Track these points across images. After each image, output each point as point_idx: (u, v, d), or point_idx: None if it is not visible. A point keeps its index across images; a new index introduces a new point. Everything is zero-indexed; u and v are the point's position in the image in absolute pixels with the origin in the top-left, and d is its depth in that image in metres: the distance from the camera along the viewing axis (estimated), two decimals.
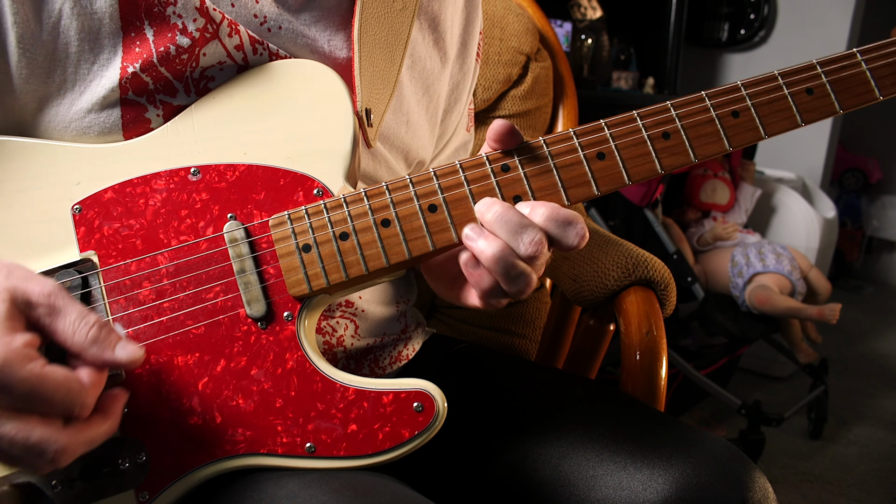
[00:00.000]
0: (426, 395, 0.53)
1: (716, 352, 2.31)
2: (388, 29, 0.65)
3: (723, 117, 0.57)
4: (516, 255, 0.52)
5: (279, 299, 0.55)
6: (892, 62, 0.60)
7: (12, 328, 0.43)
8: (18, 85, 0.55)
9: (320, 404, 0.54)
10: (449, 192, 0.56)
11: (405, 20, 0.66)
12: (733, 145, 0.58)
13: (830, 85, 0.59)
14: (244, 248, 0.55)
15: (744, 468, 0.59)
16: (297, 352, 0.54)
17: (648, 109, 0.58)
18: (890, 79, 0.60)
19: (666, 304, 0.88)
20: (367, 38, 0.63)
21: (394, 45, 0.65)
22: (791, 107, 0.58)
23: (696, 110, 0.57)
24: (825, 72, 0.59)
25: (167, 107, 0.58)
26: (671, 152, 0.57)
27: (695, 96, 0.58)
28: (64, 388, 0.43)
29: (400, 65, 0.66)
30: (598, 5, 2.43)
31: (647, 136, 0.57)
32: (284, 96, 0.59)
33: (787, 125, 0.58)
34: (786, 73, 0.59)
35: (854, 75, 0.59)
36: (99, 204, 0.56)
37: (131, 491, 0.52)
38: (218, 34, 0.58)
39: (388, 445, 0.53)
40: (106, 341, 0.46)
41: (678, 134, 0.57)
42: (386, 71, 0.65)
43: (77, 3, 0.54)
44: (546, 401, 0.70)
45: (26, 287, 0.45)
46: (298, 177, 0.57)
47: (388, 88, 0.65)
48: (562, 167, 0.57)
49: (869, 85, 0.59)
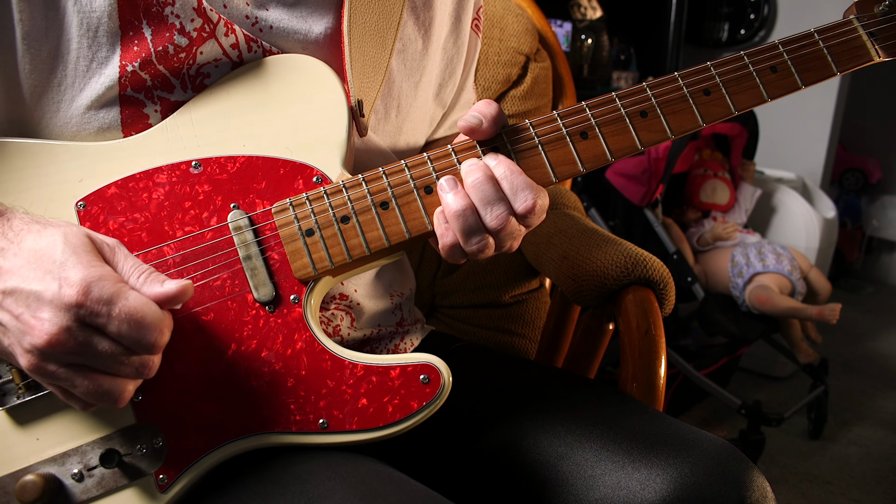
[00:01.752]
0: (432, 367, 0.55)
1: (716, 352, 2.31)
2: (379, 14, 0.66)
3: (694, 94, 0.62)
4: (481, 221, 0.55)
5: (285, 283, 0.57)
6: (846, 41, 0.65)
7: (100, 258, 0.51)
8: (22, 80, 0.57)
9: (330, 381, 0.55)
10: (443, 174, 0.59)
11: (396, 5, 0.67)
12: (706, 121, 0.62)
13: (792, 62, 0.64)
14: (249, 235, 0.57)
15: (742, 468, 0.59)
16: (306, 332, 0.56)
17: (626, 90, 0.62)
18: (845, 55, 0.65)
19: (665, 304, 0.88)
20: (357, 27, 0.64)
21: (385, 30, 0.66)
22: (757, 83, 0.63)
23: (670, 89, 0.62)
24: (786, 51, 0.64)
25: (165, 102, 0.60)
26: (649, 129, 0.61)
27: (668, 77, 0.62)
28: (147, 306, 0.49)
29: (391, 50, 0.67)
30: (598, 5, 2.43)
31: (625, 114, 0.61)
32: (280, 90, 0.60)
33: (754, 100, 0.63)
34: (751, 53, 0.64)
35: (812, 53, 0.65)
36: (103, 199, 0.57)
37: (150, 476, 0.53)
38: (215, 34, 0.59)
39: (398, 417, 0.55)
40: (157, 277, 0.51)
41: (654, 111, 0.61)
42: (377, 58, 0.66)
43: (77, 1, 0.56)
44: (545, 400, 0.70)
45: (96, 234, 0.53)
46: (298, 166, 0.59)
47: (378, 75, 0.66)
48: (548, 145, 0.60)
49: (826, 60, 0.65)
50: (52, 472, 0.52)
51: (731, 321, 2.20)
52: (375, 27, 0.66)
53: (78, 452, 0.53)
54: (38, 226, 0.51)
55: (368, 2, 0.65)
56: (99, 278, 0.47)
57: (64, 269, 0.47)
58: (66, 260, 0.48)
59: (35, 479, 0.51)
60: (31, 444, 0.53)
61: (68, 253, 0.48)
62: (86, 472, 0.52)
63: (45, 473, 0.52)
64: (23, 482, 0.51)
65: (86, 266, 0.48)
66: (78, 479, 0.52)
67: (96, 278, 0.47)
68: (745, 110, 0.63)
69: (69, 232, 0.50)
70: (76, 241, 0.49)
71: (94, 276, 0.47)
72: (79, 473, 0.52)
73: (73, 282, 0.46)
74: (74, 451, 0.53)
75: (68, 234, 0.50)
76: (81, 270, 0.47)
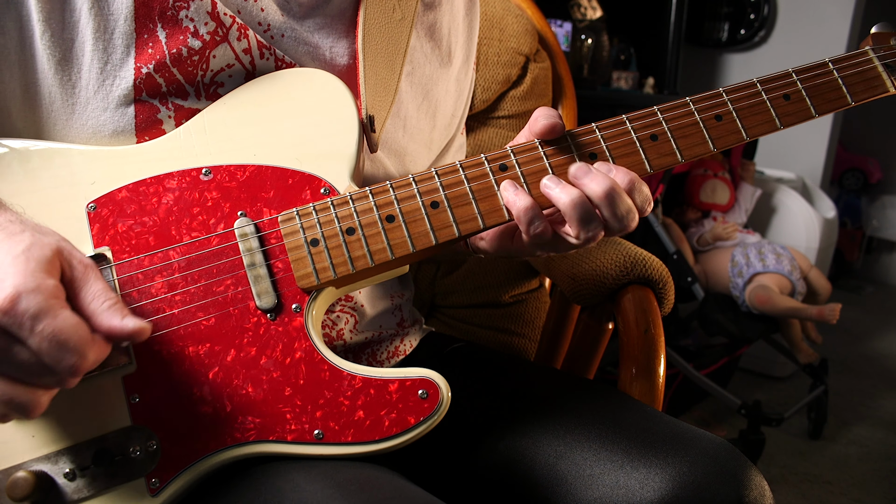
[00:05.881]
0: (431, 382, 0.55)
1: (716, 352, 2.31)
2: (388, 39, 0.67)
3: (706, 121, 0.62)
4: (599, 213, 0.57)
5: (288, 292, 0.57)
6: (860, 71, 0.65)
7: (50, 272, 0.47)
8: (40, 82, 0.58)
9: (328, 392, 0.55)
10: (450, 190, 0.59)
11: (404, 30, 0.69)
12: (717, 147, 0.62)
13: (806, 91, 0.64)
14: (254, 242, 0.57)
15: (740, 467, 0.59)
16: (306, 342, 0.56)
17: (636, 114, 0.62)
18: (860, 86, 0.65)
19: (664, 303, 0.89)
20: (371, 47, 0.65)
21: (394, 54, 0.68)
22: (770, 111, 0.63)
23: (682, 114, 0.62)
24: (800, 79, 0.64)
25: (179, 109, 0.60)
26: (659, 153, 0.61)
27: (679, 102, 0.62)
28: (74, 329, 0.46)
29: (400, 73, 0.68)
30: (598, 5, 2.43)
31: (636, 138, 0.61)
32: (293, 102, 0.61)
33: (767, 128, 0.63)
34: (764, 81, 0.64)
35: (827, 83, 0.65)
36: (113, 202, 0.58)
37: (142, 478, 0.53)
38: (227, 37, 0.60)
39: (394, 431, 0.54)
40: (118, 311, 0.49)
41: (665, 136, 0.61)
42: (387, 79, 0.67)
43: (95, 3, 0.57)
44: (543, 400, 0.70)
45: (73, 250, 0.50)
46: (306, 176, 0.59)
47: (388, 96, 0.67)
48: (556, 167, 0.60)
49: (841, 91, 0.64)
50: (44, 470, 0.52)
51: (731, 321, 2.20)
52: (386, 45, 0.67)
53: (71, 451, 0.53)
54: (19, 227, 0.49)
55: (380, 20, 0.66)
56: (34, 290, 0.44)
57: (6, 274, 0.45)
58: (11, 266, 0.45)
59: (26, 476, 0.50)
60: (26, 441, 0.53)
61: (20, 260, 0.46)
62: (78, 471, 0.52)
63: (36, 471, 0.51)
64: (14, 479, 0.50)
65: (25, 275, 0.45)
66: (70, 479, 0.52)
67: (30, 289, 0.44)
68: (757, 137, 0.63)
69: (38, 242, 0.48)
70: (37, 253, 0.47)
71: (28, 287, 0.44)
72: (71, 473, 0.52)
73: (4, 287, 0.44)
74: (68, 450, 0.53)
75: (35, 243, 0.47)
76: (18, 278, 0.45)
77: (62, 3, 0.57)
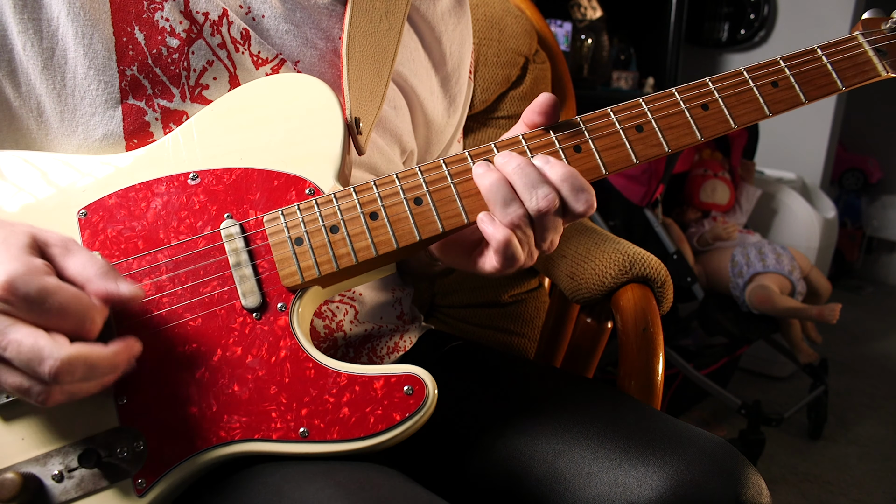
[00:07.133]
0: (416, 378, 0.55)
1: (716, 352, 2.31)
2: (375, 47, 0.68)
3: (692, 110, 0.61)
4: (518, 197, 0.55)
5: (273, 291, 0.58)
6: (850, 56, 0.65)
7: (32, 254, 0.48)
8: (29, 92, 0.59)
9: (313, 390, 0.55)
10: (433, 186, 0.59)
11: (391, 40, 0.70)
12: (704, 136, 0.62)
13: (794, 77, 0.63)
14: (239, 242, 0.58)
15: (738, 465, 0.59)
16: (291, 340, 0.57)
17: (621, 105, 0.61)
18: (851, 70, 0.64)
19: (663, 302, 0.89)
20: (356, 53, 0.67)
21: (381, 62, 0.69)
22: (758, 98, 0.62)
23: (667, 104, 0.61)
24: (788, 66, 0.63)
25: (165, 111, 0.62)
26: (645, 144, 0.61)
27: (664, 92, 0.62)
28: (76, 300, 0.47)
29: (387, 81, 0.69)
30: (598, 5, 2.43)
31: (620, 129, 0.61)
32: (279, 107, 0.62)
33: (755, 116, 0.62)
34: (751, 69, 0.63)
35: (816, 69, 0.64)
36: (103, 208, 0.59)
37: (129, 479, 0.53)
38: (202, 34, 0.62)
39: (379, 428, 0.54)
40: (111, 276, 0.49)
41: (650, 126, 0.61)
42: (374, 85, 0.68)
43: (71, 9, 0.58)
44: (541, 398, 0.70)
45: (46, 231, 0.51)
46: (291, 178, 0.60)
47: (375, 102, 0.68)
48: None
49: (831, 77, 0.64)
50: (32, 472, 0.52)
51: (731, 321, 2.20)
52: (373, 52, 0.68)
53: (60, 453, 0.53)
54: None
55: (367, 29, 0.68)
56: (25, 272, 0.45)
57: None
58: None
59: (14, 478, 0.50)
60: (16, 443, 0.53)
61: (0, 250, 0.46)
62: (66, 472, 0.52)
63: (25, 472, 0.52)
64: (1, 480, 0.50)
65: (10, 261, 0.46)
66: (58, 480, 0.52)
67: (21, 273, 0.45)
68: (745, 125, 0.62)
69: (10, 231, 0.48)
70: (14, 240, 0.48)
71: (18, 271, 0.45)
72: (59, 474, 0.52)
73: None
74: (57, 452, 0.53)
75: (9, 234, 0.48)
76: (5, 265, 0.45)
77: (38, 13, 0.58)
